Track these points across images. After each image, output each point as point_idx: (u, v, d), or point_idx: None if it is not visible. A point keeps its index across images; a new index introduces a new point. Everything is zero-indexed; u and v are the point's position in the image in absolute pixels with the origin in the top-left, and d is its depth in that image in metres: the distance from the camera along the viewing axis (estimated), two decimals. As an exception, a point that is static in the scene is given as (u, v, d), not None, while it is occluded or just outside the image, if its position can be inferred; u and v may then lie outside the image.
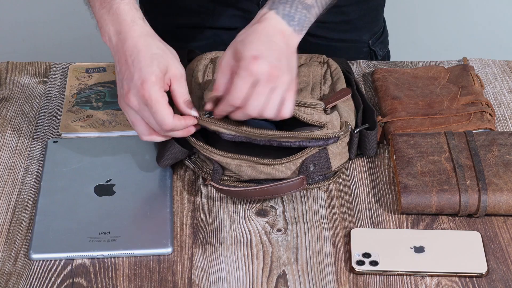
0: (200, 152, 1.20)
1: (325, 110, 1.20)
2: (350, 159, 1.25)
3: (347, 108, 1.24)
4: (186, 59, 1.38)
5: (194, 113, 1.18)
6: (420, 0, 2.44)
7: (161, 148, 1.22)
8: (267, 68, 1.12)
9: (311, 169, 1.18)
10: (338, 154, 1.21)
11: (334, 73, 1.31)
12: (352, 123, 1.23)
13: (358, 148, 1.25)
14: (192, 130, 1.19)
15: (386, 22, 1.63)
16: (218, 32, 1.48)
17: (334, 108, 1.21)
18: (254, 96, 1.13)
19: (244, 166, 1.17)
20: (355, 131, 1.23)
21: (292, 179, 1.16)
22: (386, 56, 1.64)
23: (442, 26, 2.48)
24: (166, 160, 1.22)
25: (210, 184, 1.20)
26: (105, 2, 1.19)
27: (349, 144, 1.23)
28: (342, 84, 1.28)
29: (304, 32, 1.17)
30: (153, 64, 1.15)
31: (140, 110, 1.16)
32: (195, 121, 1.18)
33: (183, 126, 1.17)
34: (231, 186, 1.18)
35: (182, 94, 1.18)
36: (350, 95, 1.25)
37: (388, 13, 1.63)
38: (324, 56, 1.35)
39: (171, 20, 1.57)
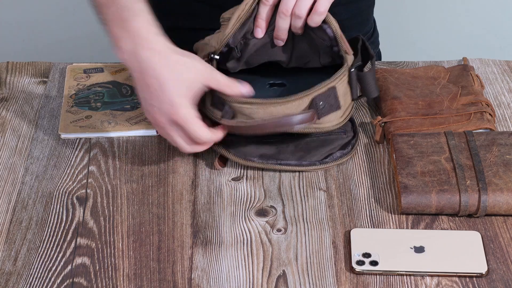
0: (216, 92, 1.22)
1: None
2: (353, 99, 1.26)
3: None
4: None
5: (244, 89, 1.22)
6: (421, 0, 2.44)
7: None
8: None
9: (321, 106, 1.20)
10: (343, 94, 1.24)
11: None
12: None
13: (361, 92, 1.28)
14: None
15: (387, 22, 1.63)
16: (210, 34, 1.48)
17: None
18: None
19: (255, 108, 1.19)
20: (352, 69, 1.25)
21: (303, 112, 1.19)
22: (377, 56, 1.64)
23: (442, 26, 2.48)
24: None
25: (222, 122, 1.21)
26: (119, 18, 1.19)
27: (349, 83, 1.25)
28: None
29: None
30: (178, 84, 1.17)
31: (172, 130, 1.18)
32: (225, 131, 1.22)
33: (218, 138, 1.21)
34: (242, 122, 1.20)
35: (223, 86, 1.21)
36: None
37: (388, 13, 1.64)
38: None
39: (162, 23, 1.56)
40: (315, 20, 1.25)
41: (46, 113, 1.37)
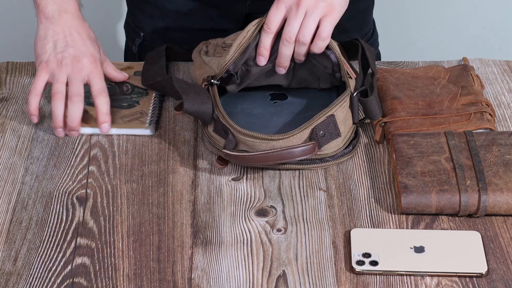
0: (219, 120, 1.23)
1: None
2: (354, 123, 1.27)
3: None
4: (164, 55, 1.39)
5: (126, 74, 1.40)
6: (421, 0, 2.44)
7: (195, 96, 1.26)
8: None
9: (321, 135, 1.21)
10: (343, 120, 1.24)
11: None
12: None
13: (365, 114, 1.28)
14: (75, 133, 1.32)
15: (387, 22, 1.63)
16: (207, 34, 1.49)
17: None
18: (288, 21, 1.24)
19: (257, 142, 1.19)
20: (354, 94, 1.25)
21: (304, 144, 1.19)
22: (377, 57, 1.64)
23: (442, 26, 2.48)
24: (192, 105, 1.25)
25: (223, 152, 1.22)
26: None
27: (351, 108, 1.25)
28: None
29: None
30: (95, 45, 1.35)
31: (62, 70, 1.31)
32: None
33: (104, 109, 1.32)
34: (244, 152, 1.21)
35: (112, 66, 1.39)
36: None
37: (388, 13, 1.64)
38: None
39: (159, 23, 1.57)
40: (319, 46, 1.25)
41: (46, 113, 1.37)
